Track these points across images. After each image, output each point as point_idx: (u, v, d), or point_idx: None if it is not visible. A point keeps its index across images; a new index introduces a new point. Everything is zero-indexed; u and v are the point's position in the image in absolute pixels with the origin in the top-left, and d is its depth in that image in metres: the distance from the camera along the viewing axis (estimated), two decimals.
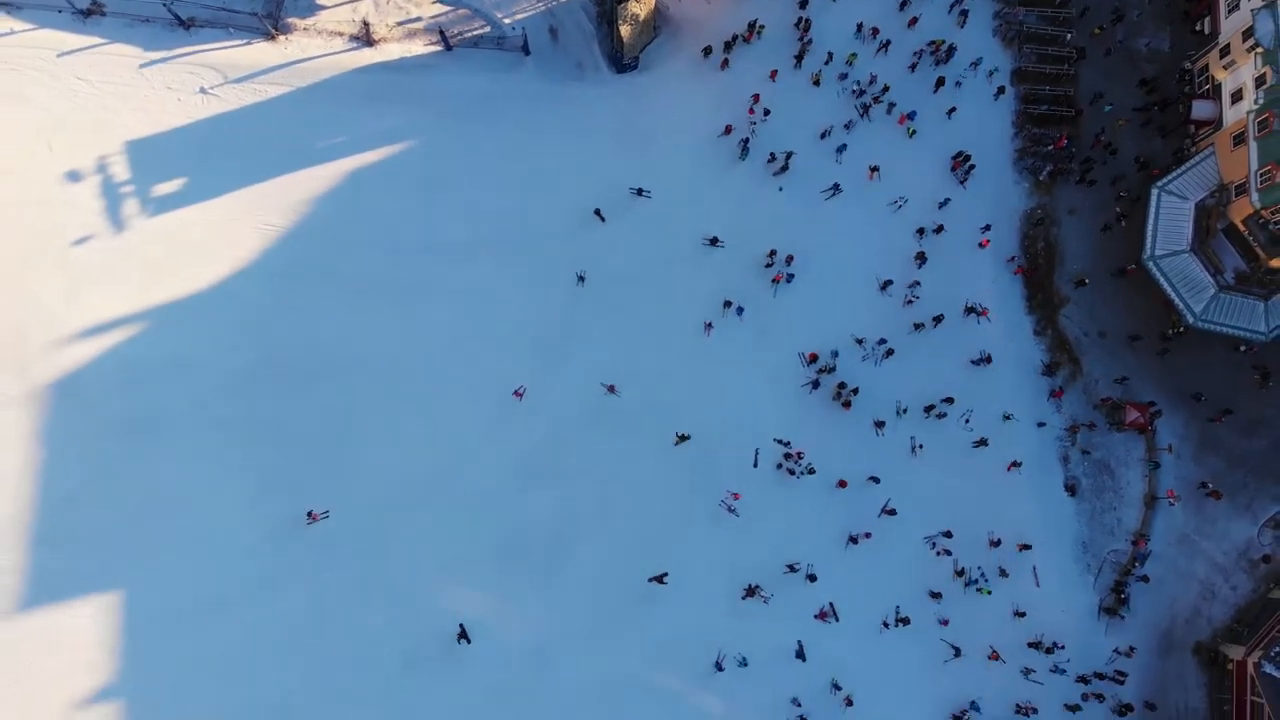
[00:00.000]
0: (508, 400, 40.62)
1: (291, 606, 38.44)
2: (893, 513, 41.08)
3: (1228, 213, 40.83)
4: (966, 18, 45.30)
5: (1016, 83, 45.45)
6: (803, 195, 43.32)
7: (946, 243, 43.55)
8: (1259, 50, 39.56)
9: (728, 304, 41.89)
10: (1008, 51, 45.76)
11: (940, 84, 44.41)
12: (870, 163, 43.42)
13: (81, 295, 39.89)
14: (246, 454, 39.39)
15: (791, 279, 42.37)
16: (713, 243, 42.44)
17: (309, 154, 41.97)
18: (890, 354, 42.34)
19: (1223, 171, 41.25)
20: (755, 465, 41.26)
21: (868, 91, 44.14)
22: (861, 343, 42.41)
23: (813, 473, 41.08)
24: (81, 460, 38.62)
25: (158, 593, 38.01)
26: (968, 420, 42.38)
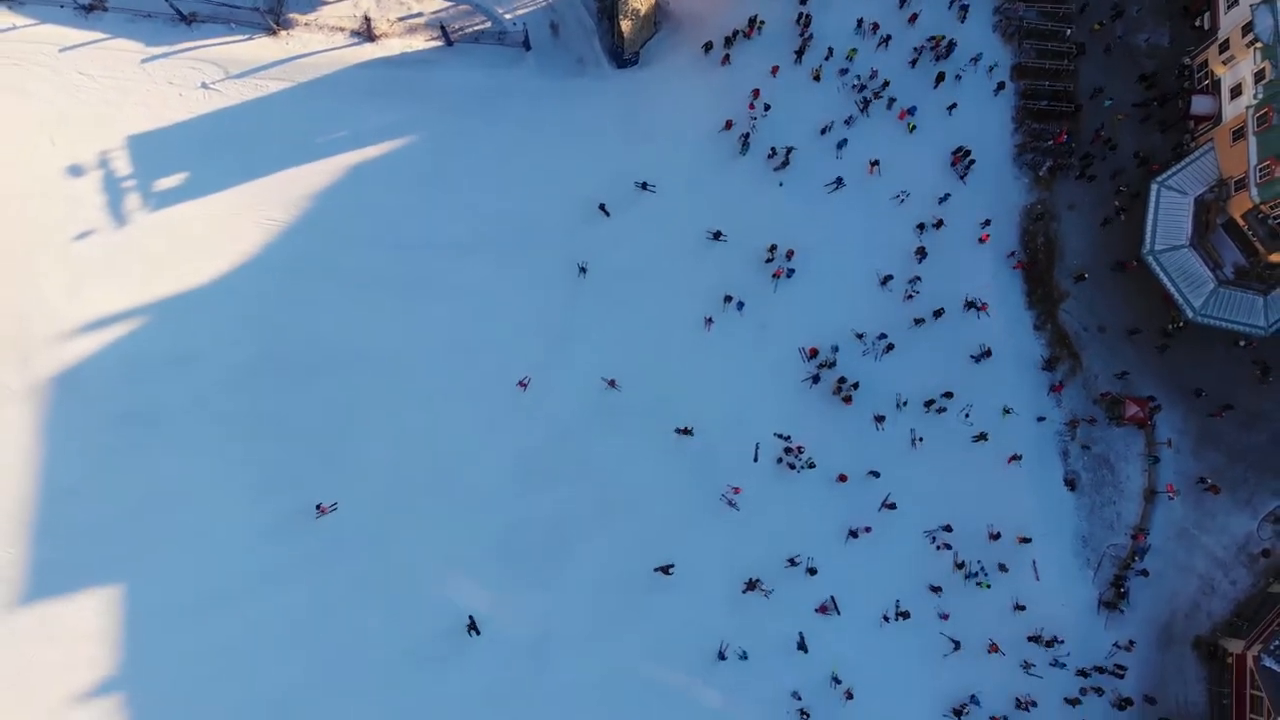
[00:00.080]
0: (509, 395, 40.64)
1: (292, 601, 38.53)
2: (893, 507, 41.15)
3: (1227, 208, 40.90)
4: (966, 13, 45.29)
5: (1016, 78, 45.48)
6: (803, 190, 43.34)
7: (946, 238, 43.53)
8: (1258, 45, 39.64)
9: (728, 299, 41.94)
10: (1008, 47, 45.78)
11: (940, 79, 44.43)
12: (871, 158, 43.40)
13: (83, 289, 39.98)
14: (248, 448, 39.49)
15: (792, 274, 42.40)
16: (716, 237, 42.48)
17: (310, 149, 42.04)
18: (890, 349, 42.38)
19: (1222, 166, 41.32)
20: (756, 460, 41.31)
21: (868, 87, 44.15)
22: (862, 338, 42.47)
23: (813, 467, 41.14)
24: (83, 454, 38.73)
25: (159, 587, 38.13)
26: (967, 415, 42.44)
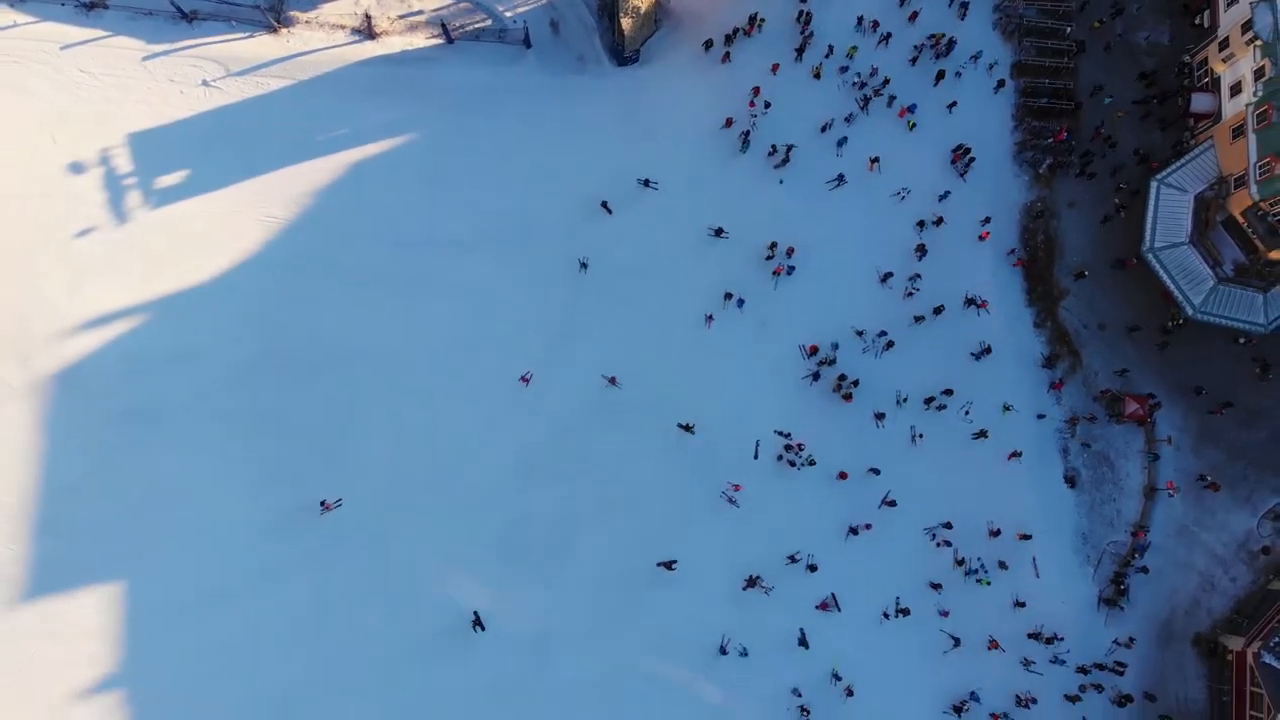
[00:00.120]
0: (509, 392, 40.69)
1: (293, 598, 38.57)
2: (893, 504, 41.19)
3: (1227, 205, 40.93)
4: (966, 11, 45.36)
5: (1016, 76, 45.53)
6: (803, 188, 43.38)
7: (946, 235, 43.58)
8: (1258, 43, 39.71)
9: (728, 296, 41.97)
10: (1008, 45, 45.82)
11: (940, 77, 44.48)
12: (871, 156, 43.40)
13: (84, 287, 40.00)
14: (248, 446, 39.52)
15: (792, 271, 42.44)
16: (718, 233, 42.49)
17: (311, 147, 42.07)
18: (890, 346, 42.42)
19: (1222, 164, 41.36)
20: (756, 457, 41.35)
21: (868, 84, 44.21)
22: (862, 335, 42.50)
23: (813, 464, 41.17)
24: (84, 451, 38.75)
25: (160, 584, 38.15)
26: (967, 412, 42.48)
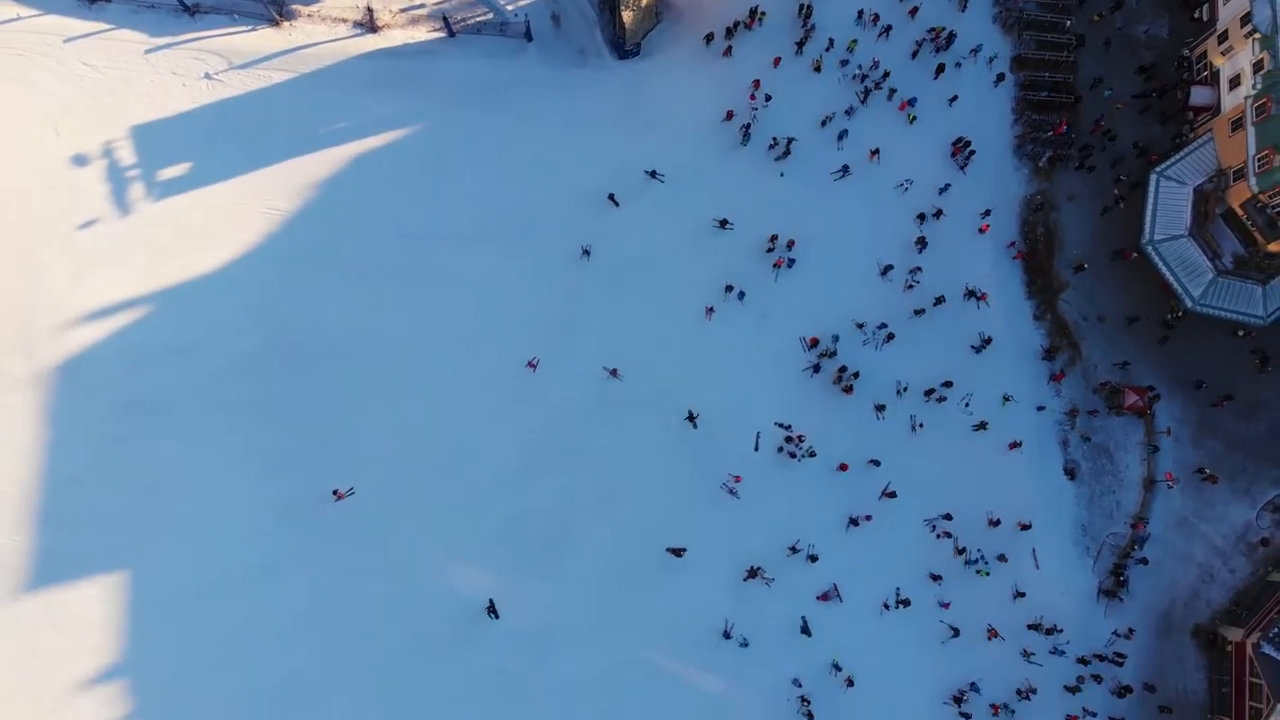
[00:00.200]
0: (511, 384, 40.76)
1: (294, 591, 38.62)
2: (893, 495, 41.34)
3: (1226, 197, 41.09)
4: (966, 4, 45.48)
5: (1016, 69, 45.67)
6: (804, 180, 43.49)
7: (947, 228, 43.76)
8: (1256, 36, 39.89)
9: (729, 289, 42.08)
10: (1007, 38, 45.96)
11: (941, 70, 44.62)
12: (871, 148, 43.51)
13: (87, 279, 40.00)
14: (250, 438, 39.55)
15: (793, 264, 42.55)
16: (722, 225, 42.57)
17: (313, 139, 42.09)
18: (891, 338, 42.57)
19: (1221, 157, 41.51)
20: (756, 449, 41.47)
21: (869, 78, 44.30)
22: (862, 327, 42.61)
23: (813, 456, 41.30)
24: (86, 443, 38.75)
25: (161, 575, 38.18)
26: (967, 404, 42.64)
